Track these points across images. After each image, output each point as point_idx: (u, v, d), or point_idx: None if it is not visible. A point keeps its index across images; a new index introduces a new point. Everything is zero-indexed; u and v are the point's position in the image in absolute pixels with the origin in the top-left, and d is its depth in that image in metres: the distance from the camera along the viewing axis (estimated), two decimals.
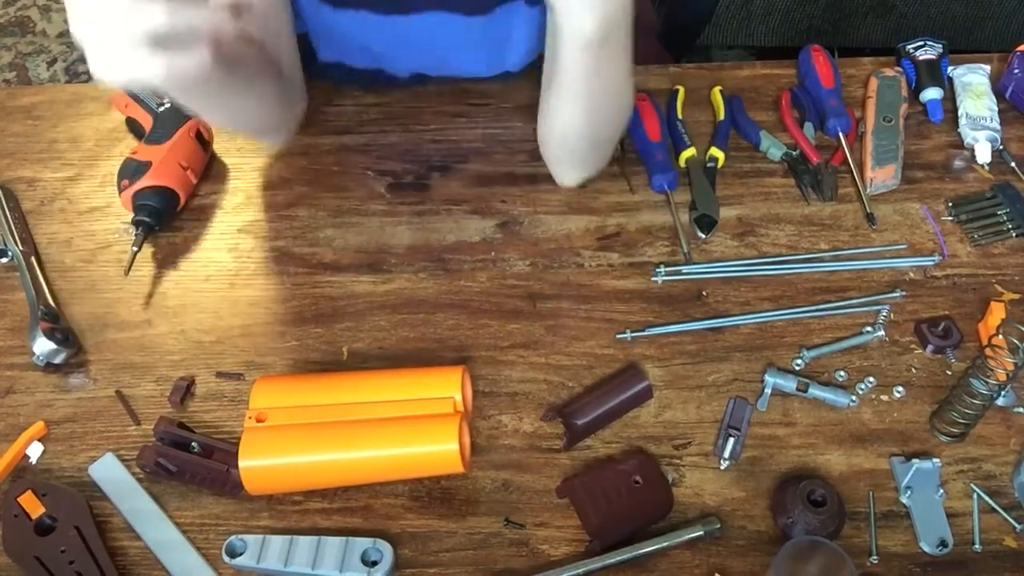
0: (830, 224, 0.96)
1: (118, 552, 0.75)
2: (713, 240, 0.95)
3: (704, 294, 0.91)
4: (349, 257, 0.94)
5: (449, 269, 0.93)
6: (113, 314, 0.90)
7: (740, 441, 0.80)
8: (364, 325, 0.89)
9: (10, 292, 0.91)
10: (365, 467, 0.77)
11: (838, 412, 0.83)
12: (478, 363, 0.86)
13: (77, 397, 0.84)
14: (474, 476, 0.79)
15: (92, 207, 0.98)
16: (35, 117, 1.06)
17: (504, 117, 1.05)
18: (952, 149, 1.03)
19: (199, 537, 0.76)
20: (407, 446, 0.76)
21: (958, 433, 0.81)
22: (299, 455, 0.76)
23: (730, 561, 0.75)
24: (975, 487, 0.78)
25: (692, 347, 0.87)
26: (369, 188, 0.99)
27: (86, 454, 0.81)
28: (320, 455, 0.76)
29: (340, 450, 0.76)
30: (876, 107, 1.03)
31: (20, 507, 0.75)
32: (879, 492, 0.79)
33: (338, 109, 1.07)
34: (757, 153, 1.02)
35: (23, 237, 0.94)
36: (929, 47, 1.09)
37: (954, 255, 0.94)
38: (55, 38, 2.48)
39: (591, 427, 0.81)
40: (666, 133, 1.02)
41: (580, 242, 0.95)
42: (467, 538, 0.76)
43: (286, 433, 0.76)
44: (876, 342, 0.88)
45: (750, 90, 1.08)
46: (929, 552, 0.75)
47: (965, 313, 0.89)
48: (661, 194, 0.98)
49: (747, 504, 0.78)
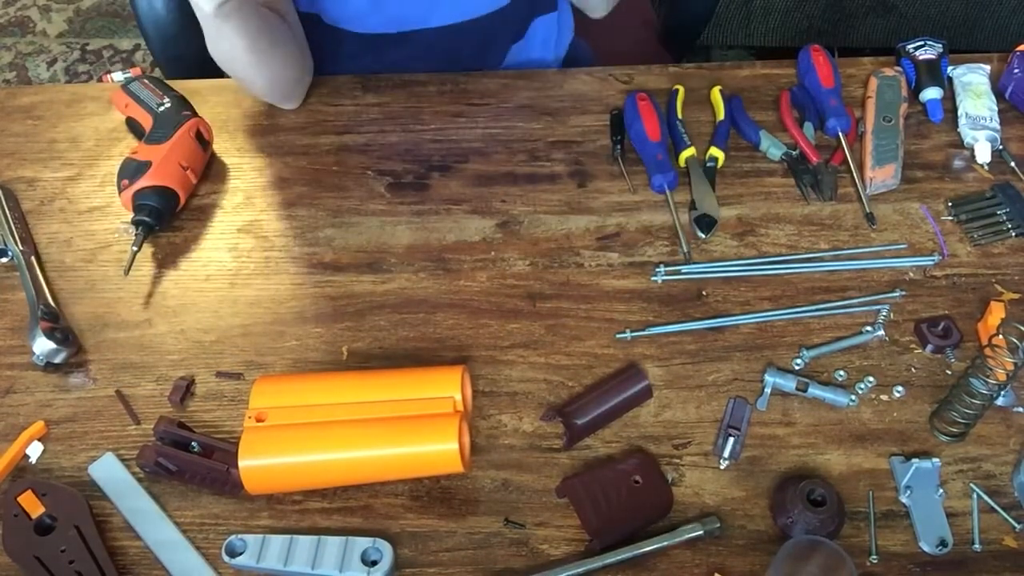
0: (830, 224, 0.96)
1: (118, 552, 0.75)
2: (713, 240, 0.95)
3: (704, 294, 0.91)
4: (349, 257, 0.94)
5: (449, 269, 0.93)
6: (113, 314, 0.90)
7: (740, 441, 0.80)
8: (364, 325, 0.89)
9: (10, 292, 0.91)
10: (365, 467, 0.77)
11: (838, 412, 0.83)
12: (478, 363, 0.86)
13: (77, 397, 0.84)
14: (474, 476, 0.79)
15: (92, 207, 0.98)
16: (35, 117, 1.06)
17: (504, 117, 1.05)
18: (952, 149, 1.03)
19: (199, 537, 0.76)
20: (407, 446, 0.76)
21: (958, 433, 0.81)
22: (299, 455, 0.76)
23: (730, 561, 0.75)
24: (975, 487, 0.78)
25: (692, 347, 0.87)
26: (369, 188, 1.00)
27: (86, 454, 0.81)
28: (320, 455, 0.76)
29: (340, 450, 0.76)
30: (876, 107, 1.03)
31: (20, 507, 0.75)
32: (879, 492, 0.79)
33: (338, 109, 1.07)
34: (757, 153, 1.02)
35: (23, 237, 0.94)
36: (929, 47, 1.09)
37: (954, 255, 0.94)
38: (55, 38, 2.48)
39: (591, 427, 0.81)
40: (666, 133, 1.02)
41: (580, 242, 0.95)
42: (467, 538, 0.76)
43: (286, 433, 0.76)
44: (876, 342, 0.88)
45: (750, 90, 1.08)
46: (929, 552, 0.75)
47: (965, 313, 0.89)
48: (661, 194, 0.98)
49: (747, 504, 0.78)
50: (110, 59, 2.44)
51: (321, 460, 0.76)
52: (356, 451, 0.76)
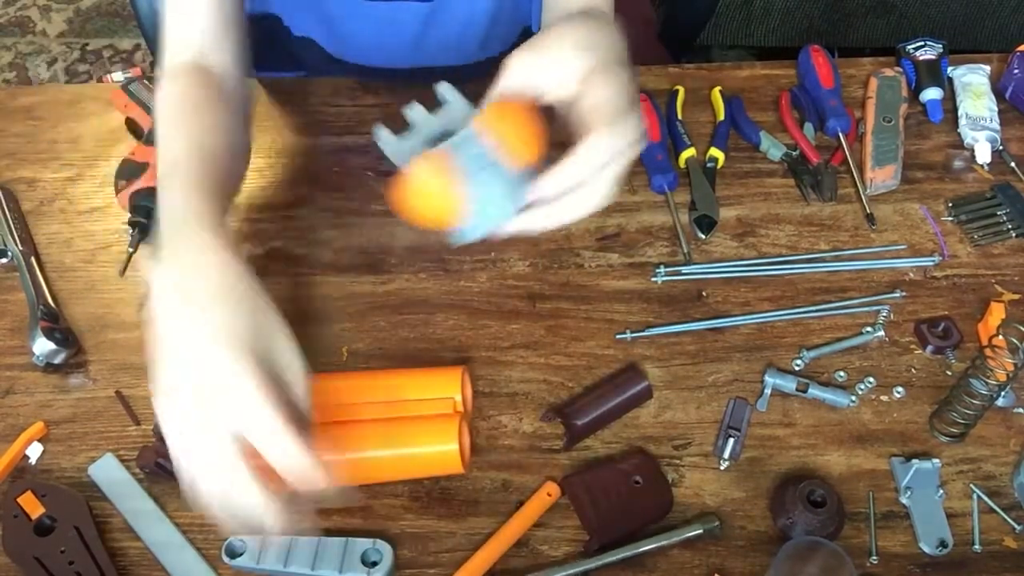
0: (830, 224, 0.96)
1: (118, 552, 0.75)
2: (713, 240, 0.95)
3: (704, 294, 0.91)
4: (349, 257, 0.94)
5: (449, 269, 0.93)
6: (113, 314, 0.90)
7: (740, 441, 0.80)
8: (364, 325, 0.89)
9: (10, 292, 0.91)
10: (365, 467, 0.77)
11: (838, 412, 0.83)
12: (478, 363, 0.86)
13: (77, 397, 0.84)
14: (474, 476, 0.79)
15: (92, 207, 0.98)
16: (35, 117, 1.06)
17: None
18: (952, 149, 1.03)
19: (199, 537, 0.76)
20: (407, 446, 0.76)
21: (958, 433, 0.81)
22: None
23: (730, 561, 0.75)
24: (975, 487, 0.78)
25: (692, 347, 0.87)
26: (369, 188, 0.99)
27: (86, 454, 0.81)
28: (319, 455, 0.76)
29: (340, 450, 0.76)
30: (876, 107, 1.03)
31: (20, 507, 0.75)
32: (879, 492, 0.79)
33: (338, 110, 1.07)
34: (757, 153, 1.02)
35: (23, 237, 0.94)
36: (929, 47, 1.09)
37: (954, 255, 0.94)
38: (55, 38, 2.48)
39: (591, 427, 0.81)
40: (666, 133, 1.02)
41: (580, 242, 0.95)
42: (467, 538, 0.76)
43: None
44: (876, 342, 0.88)
45: (750, 90, 1.08)
46: (929, 552, 0.75)
47: (965, 313, 0.89)
48: (661, 194, 0.98)
49: (747, 504, 0.78)
50: (110, 59, 2.44)
51: (321, 460, 0.76)
52: (356, 452, 0.76)
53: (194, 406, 0.63)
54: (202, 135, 0.78)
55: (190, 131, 0.78)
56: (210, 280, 0.67)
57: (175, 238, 0.69)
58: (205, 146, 0.77)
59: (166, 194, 0.73)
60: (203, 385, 0.63)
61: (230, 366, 0.63)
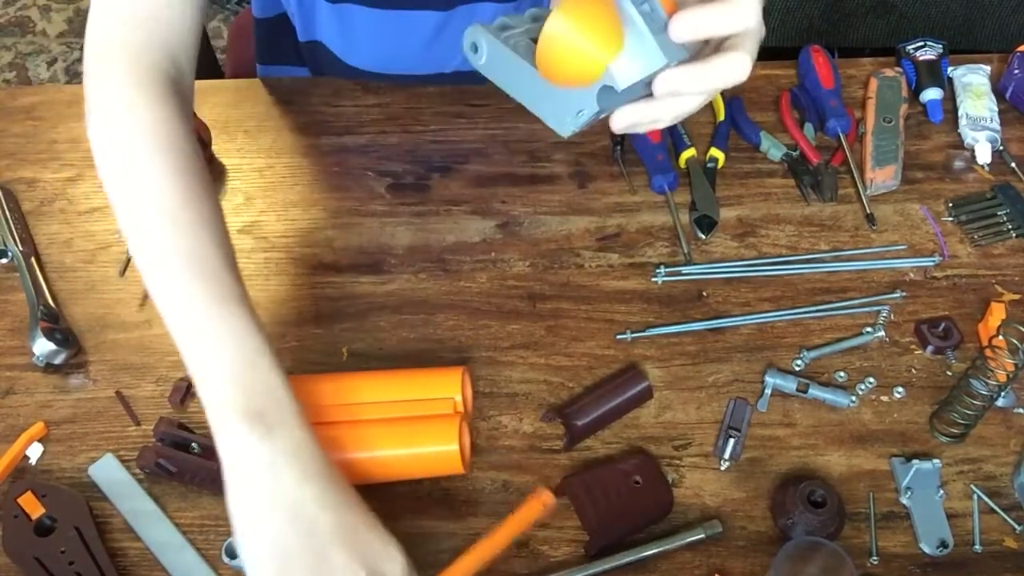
0: (830, 225, 0.96)
1: (118, 553, 0.75)
2: (713, 240, 0.95)
3: (704, 294, 0.91)
4: (349, 257, 0.94)
5: (449, 270, 0.93)
6: (113, 314, 0.90)
7: (740, 442, 0.80)
8: (364, 325, 0.89)
9: (10, 292, 0.91)
10: (365, 467, 0.77)
11: (838, 413, 0.83)
12: (478, 364, 0.86)
13: (77, 398, 0.84)
14: (474, 477, 0.79)
15: (92, 207, 0.98)
16: (35, 117, 1.06)
17: (504, 117, 1.05)
18: (952, 149, 1.03)
19: (199, 538, 0.76)
20: (407, 447, 0.76)
21: (958, 434, 0.81)
22: None
23: (730, 562, 0.75)
24: (975, 488, 0.78)
25: (692, 348, 0.87)
26: (369, 189, 0.99)
27: (86, 455, 0.81)
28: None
29: (340, 451, 0.76)
30: (876, 107, 1.03)
31: (20, 508, 0.75)
32: (879, 493, 0.79)
33: (338, 110, 1.07)
34: (757, 154, 1.02)
35: (23, 237, 0.94)
36: (929, 47, 1.09)
37: (954, 256, 0.94)
38: (55, 38, 2.48)
39: (591, 427, 0.81)
40: (666, 134, 1.02)
41: (580, 242, 0.95)
42: (467, 538, 0.76)
43: None
44: (876, 343, 0.88)
45: (750, 90, 1.08)
46: (929, 553, 0.75)
47: (965, 314, 0.89)
48: (661, 194, 0.98)
49: (747, 505, 0.78)
50: None
51: None
52: (356, 452, 0.76)
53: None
54: (222, 237, 0.68)
55: (201, 238, 0.66)
56: (325, 509, 0.63)
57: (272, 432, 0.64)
58: (231, 255, 0.67)
59: (233, 349, 0.64)
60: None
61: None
